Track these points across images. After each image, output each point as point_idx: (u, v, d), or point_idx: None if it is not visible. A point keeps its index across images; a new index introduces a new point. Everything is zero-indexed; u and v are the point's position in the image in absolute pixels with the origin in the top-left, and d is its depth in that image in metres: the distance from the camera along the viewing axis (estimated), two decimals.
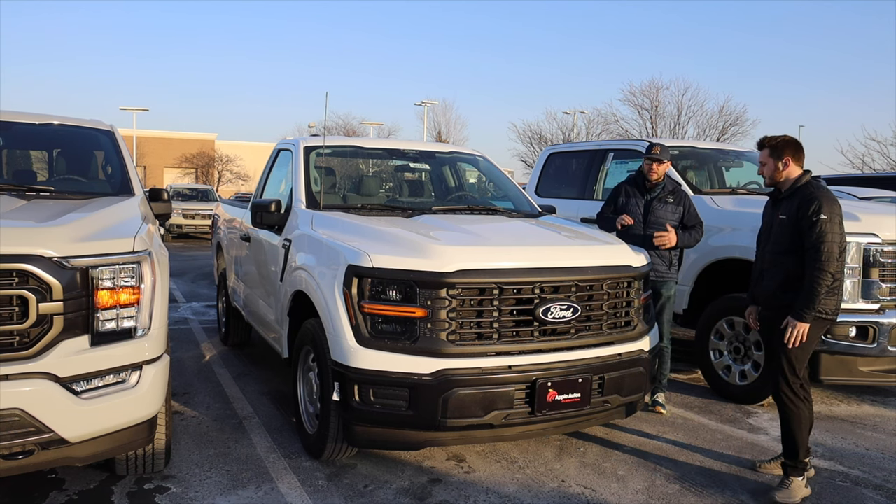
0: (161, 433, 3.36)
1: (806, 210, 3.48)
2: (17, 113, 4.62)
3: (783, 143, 3.69)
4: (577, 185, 7.38)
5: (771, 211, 3.80)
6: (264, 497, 3.44)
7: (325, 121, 5.79)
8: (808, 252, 3.45)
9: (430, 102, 41.30)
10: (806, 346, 3.55)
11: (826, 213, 3.44)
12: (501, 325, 3.45)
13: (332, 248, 3.74)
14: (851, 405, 5.32)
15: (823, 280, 3.41)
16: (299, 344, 4.08)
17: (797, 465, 3.59)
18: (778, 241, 3.64)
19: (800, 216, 3.50)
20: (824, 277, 3.41)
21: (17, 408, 2.62)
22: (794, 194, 3.61)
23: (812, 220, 3.45)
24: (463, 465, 3.90)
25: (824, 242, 3.41)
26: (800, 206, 3.52)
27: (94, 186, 4.45)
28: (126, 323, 2.91)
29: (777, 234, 3.65)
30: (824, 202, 3.47)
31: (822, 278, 3.41)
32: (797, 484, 3.56)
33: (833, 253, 3.41)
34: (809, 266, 3.45)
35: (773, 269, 3.67)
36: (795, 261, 3.54)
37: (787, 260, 3.58)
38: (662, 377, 4.93)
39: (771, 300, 3.69)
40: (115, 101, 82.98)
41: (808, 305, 3.46)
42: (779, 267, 3.63)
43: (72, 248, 2.78)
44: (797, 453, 3.58)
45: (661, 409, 4.89)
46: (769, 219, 3.81)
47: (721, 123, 33.29)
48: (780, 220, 3.63)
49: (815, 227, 3.43)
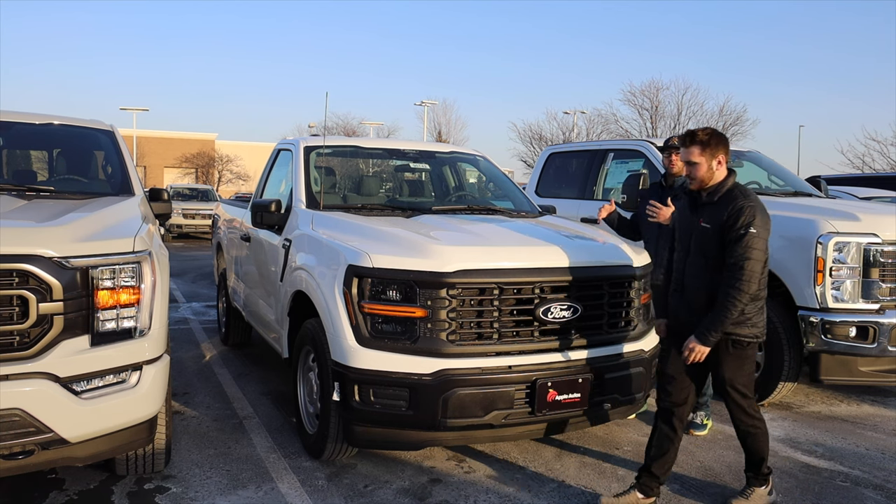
0: (161, 433, 3.36)
1: (735, 221, 3.09)
2: (17, 113, 4.62)
3: (716, 139, 3.25)
4: (577, 185, 7.38)
5: (689, 215, 3.35)
6: (264, 497, 3.44)
7: (325, 121, 5.79)
8: (730, 269, 3.08)
9: (430, 102, 41.32)
10: (748, 369, 3.29)
11: (756, 227, 3.07)
12: (501, 325, 3.45)
13: (333, 248, 3.74)
14: (851, 405, 5.32)
15: (739, 301, 3.06)
16: (299, 344, 4.08)
17: (759, 475, 3.44)
18: (701, 252, 3.24)
19: (727, 227, 3.11)
20: (741, 298, 3.05)
21: (18, 408, 2.62)
22: (722, 200, 3.18)
23: (740, 233, 3.06)
24: (463, 465, 3.90)
25: (749, 260, 3.04)
26: (729, 215, 3.12)
27: (94, 186, 4.45)
28: (126, 323, 2.90)
29: (700, 245, 3.24)
30: (757, 213, 3.10)
31: (739, 299, 3.05)
32: (759, 493, 3.42)
33: (756, 272, 3.07)
34: (727, 283, 3.07)
35: (696, 284, 3.27)
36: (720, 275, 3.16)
37: (712, 277, 3.18)
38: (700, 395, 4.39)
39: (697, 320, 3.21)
40: (115, 101, 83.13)
41: (715, 328, 3.09)
42: (702, 283, 3.23)
43: (72, 248, 2.78)
44: (759, 466, 3.42)
45: (699, 431, 4.47)
46: (687, 225, 3.35)
47: (721, 123, 33.33)
48: (703, 229, 3.22)
49: (742, 242, 3.05)
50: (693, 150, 3.23)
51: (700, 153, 3.21)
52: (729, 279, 3.08)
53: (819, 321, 4.66)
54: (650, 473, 3.41)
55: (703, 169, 3.22)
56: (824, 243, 4.66)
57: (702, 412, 4.57)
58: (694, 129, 3.29)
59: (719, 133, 3.28)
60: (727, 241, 3.11)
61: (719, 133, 3.28)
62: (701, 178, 3.24)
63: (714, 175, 3.23)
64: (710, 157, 3.21)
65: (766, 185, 6.62)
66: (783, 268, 4.88)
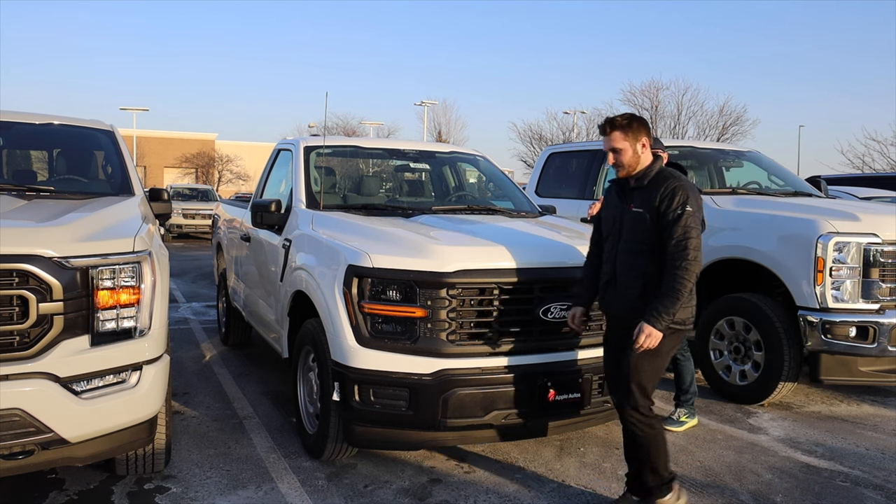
0: (161, 433, 3.36)
1: (669, 202, 3.01)
2: (17, 113, 4.62)
3: (637, 123, 3.17)
4: (577, 185, 7.38)
5: (618, 202, 3.26)
6: (264, 497, 3.44)
7: (325, 121, 5.79)
8: (672, 250, 2.99)
9: (430, 102, 41.33)
10: (659, 365, 3.15)
11: (691, 205, 3.01)
12: (501, 325, 3.45)
13: (333, 248, 3.74)
14: (851, 405, 5.32)
15: (688, 280, 2.98)
16: (299, 344, 4.08)
17: (662, 482, 3.21)
18: (634, 238, 3.14)
19: (661, 209, 3.03)
20: (689, 278, 2.98)
21: (18, 408, 2.62)
22: (652, 184, 3.11)
23: (677, 213, 2.99)
24: (463, 465, 3.90)
25: (691, 238, 2.98)
26: (662, 197, 3.04)
27: (94, 186, 4.45)
28: (126, 323, 2.90)
29: (632, 231, 3.14)
30: (689, 192, 3.05)
31: (688, 279, 2.98)
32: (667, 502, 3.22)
33: (699, 250, 3.01)
34: (672, 265, 2.99)
35: (630, 273, 3.15)
36: (655, 263, 3.07)
37: (645, 263, 3.09)
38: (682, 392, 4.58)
39: (632, 314, 3.10)
40: (115, 101, 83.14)
41: (667, 309, 2.97)
42: (636, 271, 3.13)
43: (72, 248, 2.78)
44: (661, 472, 3.20)
45: (673, 427, 4.51)
46: (616, 212, 3.25)
47: (721, 123, 33.40)
48: (635, 214, 3.12)
49: (681, 222, 2.98)
50: (615, 135, 3.15)
51: (623, 138, 3.13)
52: (674, 260, 2.99)
53: (819, 321, 4.66)
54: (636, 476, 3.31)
55: (629, 154, 3.13)
56: (824, 243, 4.66)
57: (682, 409, 4.62)
58: (613, 116, 3.21)
59: (639, 117, 3.23)
60: (664, 223, 3.02)
61: (639, 117, 3.23)
62: (628, 164, 3.15)
63: (640, 159, 3.15)
64: (633, 141, 3.13)
65: (766, 185, 6.63)
66: (783, 267, 4.89)
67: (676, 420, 4.57)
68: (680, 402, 4.63)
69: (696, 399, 4.69)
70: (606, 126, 3.19)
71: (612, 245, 3.25)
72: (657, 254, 3.06)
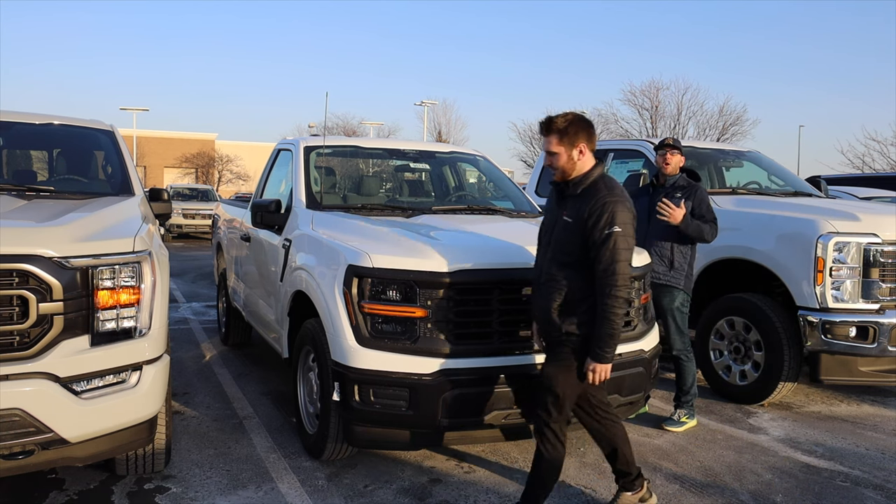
0: (161, 433, 3.36)
1: (597, 220, 2.84)
2: (17, 113, 4.62)
3: (576, 127, 2.96)
4: None
5: (555, 207, 3.09)
6: (264, 497, 3.44)
7: (325, 121, 5.79)
8: (601, 275, 2.83)
9: (430, 102, 41.32)
10: (578, 386, 3.04)
11: (619, 225, 2.82)
12: (502, 324, 3.44)
13: (333, 248, 3.73)
14: (851, 405, 5.32)
15: (619, 308, 2.83)
16: (299, 344, 4.08)
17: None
18: (561, 248, 2.97)
19: (589, 225, 2.86)
20: (620, 305, 2.82)
21: (18, 408, 2.61)
22: (585, 193, 2.93)
23: (605, 233, 2.81)
24: (463, 465, 3.90)
25: (618, 262, 2.81)
26: (590, 212, 2.86)
27: (94, 186, 4.45)
28: (126, 323, 2.90)
29: (560, 241, 2.98)
30: (617, 210, 2.84)
31: (618, 306, 2.82)
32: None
33: (626, 274, 2.84)
34: (602, 293, 2.83)
35: (550, 283, 2.98)
36: (578, 277, 2.91)
37: (569, 275, 2.93)
38: (683, 393, 4.60)
39: (547, 327, 3.02)
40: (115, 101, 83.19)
41: (606, 342, 2.84)
42: (556, 283, 2.96)
43: (72, 248, 2.78)
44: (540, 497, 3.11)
45: (673, 427, 4.52)
46: (551, 217, 3.10)
47: (721, 123, 33.40)
48: (566, 223, 2.96)
49: (608, 244, 2.81)
50: (551, 139, 2.97)
51: (558, 142, 2.95)
52: (603, 287, 2.83)
53: (819, 321, 4.66)
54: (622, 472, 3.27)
55: (563, 159, 2.96)
56: (824, 243, 4.66)
57: (682, 410, 4.63)
58: (553, 116, 2.99)
59: (581, 119, 3.00)
60: (591, 241, 2.87)
61: (581, 119, 3.00)
62: (562, 169, 2.98)
63: (576, 165, 2.97)
64: (569, 147, 2.95)
65: (766, 185, 6.63)
66: (783, 267, 4.89)
67: (676, 420, 4.57)
68: (680, 403, 4.63)
69: (696, 400, 4.69)
70: (544, 127, 3.00)
71: (543, 250, 3.11)
72: (583, 268, 2.90)
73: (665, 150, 4.54)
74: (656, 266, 4.46)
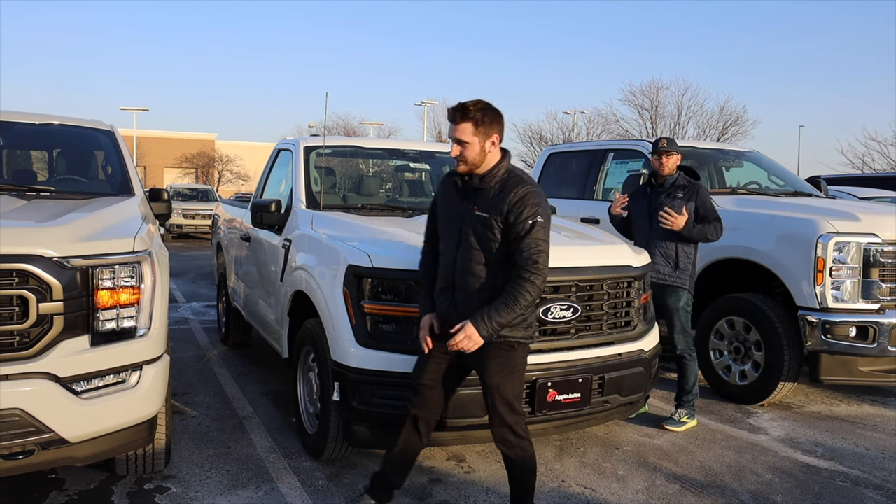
0: (161, 433, 3.36)
1: (519, 213, 2.74)
2: (17, 113, 4.62)
3: (492, 117, 2.80)
4: (577, 185, 7.38)
5: (459, 202, 2.91)
6: (264, 497, 3.44)
7: (325, 121, 5.79)
8: (522, 262, 2.73)
9: (430, 102, 41.34)
10: (517, 377, 2.93)
11: (542, 216, 2.75)
12: None
13: (333, 248, 3.74)
14: (851, 405, 5.32)
15: (531, 294, 2.73)
16: (299, 344, 4.08)
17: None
18: (480, 245, 2.82)
19: (511, 219, 2.75)
20: (533, 292, 2.73)
21: (18, 408, 2.61)
22: (501, 186, 2.80)
23: (529, 224, 2.73)
24: (463, 465, 3.90)
25: (542, 253, 2.74)
26: (512, 205, 2.75)
27: (94, 186, 4.45)
28: (126, 323, 2.90)
29: (475, 238, 2.82)
30: (540, 201, 2.77)
31: (531, 292, 2.73)
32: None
33: (547, 265, 2.77)
34: (519, 276, 2.73)
35: (472, 285, 2.84)
36: (502, 273, 2.80)
37: (492, 273, 2.81)
38: (685, 393, 4.60)
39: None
40: (115, 101, 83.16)
41: (500, 318, 2.72)
42: (479, 284, 2.83)
43: (72, 248, 2.78)
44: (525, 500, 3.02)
45: (673, 427, 4.52)
46: (455, 213, 2.90)
47: (721, 123, 33.36)
48: (481, 218, 2.80)
49: (532, 234, 2.73)
50: (465, 126, 2.78)
51: (473, 131, 2.77)
52: (521, 271, 2.73)
53: (819, 321, 4.66)
54: (387, 480, 3.17)
55: (476, 150, 2.79)
56: (824, 243, 4.66)
57: (683, 410, 4.62)
58: (466, 102, 2.81)
59: (496, 109, 2.85)
60: (513, 234, 2.75)
61: (496, 109, 2.85)
62: (472, 161, 2.81)
63: (486, 158, 2.82)
64: (483, 137, 2.79)
65: (766, 185, 6.63)
66: (783, 267, 4.89)
67: (677, 420, 4.57)
68: (681, 403, 4.62)
69: (696, 400, 4.69)
70: (457, 114, 2.80)
71: (451, 249, 2.89)
72: (504, 263, 2.79)
73: (660, 153, 4.55)
74: (661, 267, 4.46)
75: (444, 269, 2.95)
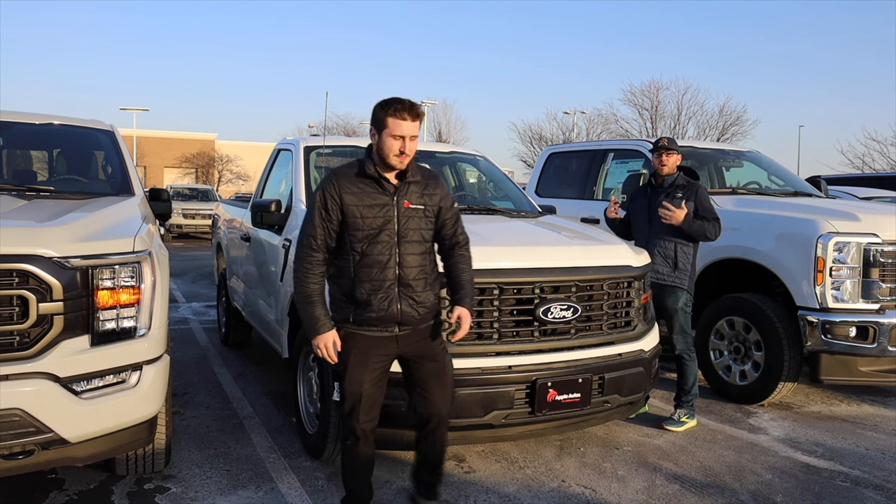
0: (161, 433, 3.36)
1: (449, 199, 3.01)
2: (17, 113, 4.62)
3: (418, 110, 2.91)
4: (577, 185, 7.38)
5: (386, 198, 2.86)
6: (264, 497, 3.44)
7: (325, 121, 5.78)
8: (462, 241, 3.03)
9: (430, 102, 41.27)
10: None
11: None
12: (501, 325, 3.45)
13: None
14: (851, 405, 5.32)
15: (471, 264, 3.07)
16: (299, 344, 4.07)
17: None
18: (421, 236, 2.91)
19: (444, 206, 2.97)
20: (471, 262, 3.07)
21: (18, 408, 2.61)
22: (426, 179, 2.97)
23: (455, 208, 3.04)
24: (463, 465, 3.90)
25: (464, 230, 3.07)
26: (442, 195, 2.97)
27: (94, 186, 4.45)
28: (126, 323, 2.90)
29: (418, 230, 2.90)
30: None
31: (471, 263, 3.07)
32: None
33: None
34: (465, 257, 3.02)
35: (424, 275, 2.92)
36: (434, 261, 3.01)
37: (429, 262, 2.97)
38: (684, 393, 4.59)
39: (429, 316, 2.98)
40: (115, 101, 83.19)
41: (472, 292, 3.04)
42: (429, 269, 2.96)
43: (72, 248, 2.78)
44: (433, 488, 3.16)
45: (673, 427, 4.51)
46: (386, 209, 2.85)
47: (721, 123, 33.42)
48: (416, 211, 2.89)
49: (460, 219, 3.06)
50: (417, 124, 2.88)
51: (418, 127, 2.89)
52: (464, 251, 3.03)
53: (819, 321, 4.66)
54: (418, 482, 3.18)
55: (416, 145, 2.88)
56: (824, 243, 4.66)
57: (682, 410, 4.61)
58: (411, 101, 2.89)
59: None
60: (444, 218, 2.98)
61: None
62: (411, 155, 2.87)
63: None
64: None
65: (766, 185, 6.63)
66: (783, 267, 4.89)
67: (677, 420, 4.57)
68: (681, 403, 4.62)
69: (696, 400, 4.69)
70: (413, 113, 2.85)
71: (389, 246, 2.84)
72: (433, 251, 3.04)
73: (661, 151, 4.55)
74: (660, 267, 4.46)
75: (387, 269, 2.84)
